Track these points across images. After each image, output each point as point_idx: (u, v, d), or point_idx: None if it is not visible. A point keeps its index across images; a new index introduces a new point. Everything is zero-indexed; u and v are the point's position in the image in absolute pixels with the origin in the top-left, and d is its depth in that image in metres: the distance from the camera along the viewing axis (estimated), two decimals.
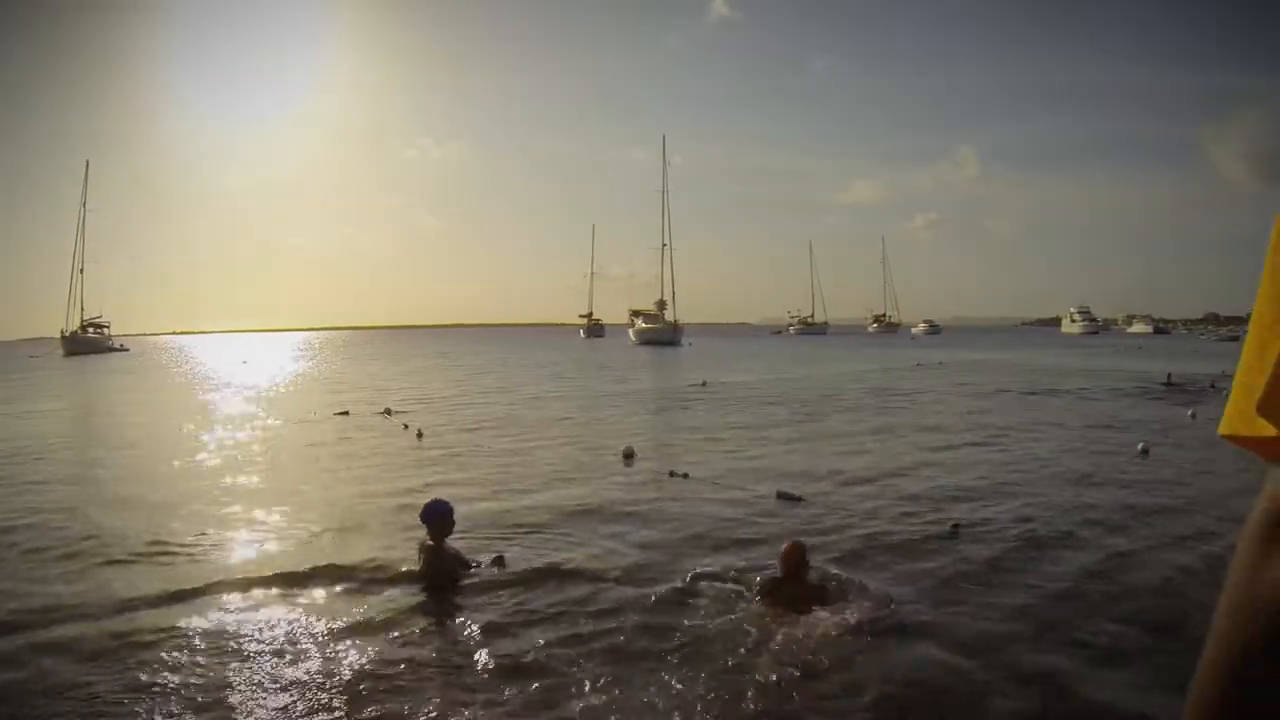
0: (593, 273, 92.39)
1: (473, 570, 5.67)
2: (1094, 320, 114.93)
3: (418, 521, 5.75)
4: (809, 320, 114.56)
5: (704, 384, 23.13)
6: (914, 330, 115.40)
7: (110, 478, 9.93)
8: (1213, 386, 20.19)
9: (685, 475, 9.20)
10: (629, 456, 10.80)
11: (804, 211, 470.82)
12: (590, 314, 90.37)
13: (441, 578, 5.48)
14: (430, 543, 5.60)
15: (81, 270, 65.57)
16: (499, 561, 5.84)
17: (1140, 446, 11.10)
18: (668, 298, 66.77)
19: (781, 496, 7.97)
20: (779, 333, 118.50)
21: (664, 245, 66.62)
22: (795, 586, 4.91)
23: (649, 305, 68.67)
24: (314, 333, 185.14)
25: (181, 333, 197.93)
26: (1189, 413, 15.27)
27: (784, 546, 5.09)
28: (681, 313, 66.26)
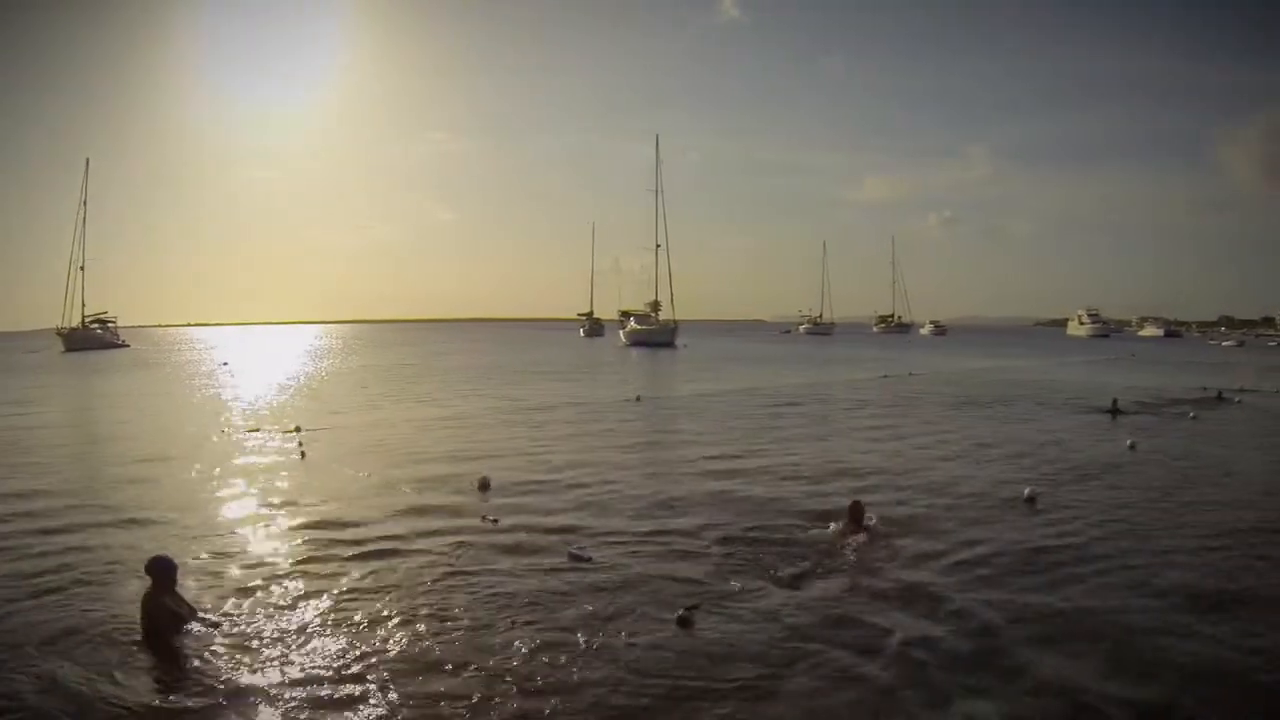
0: (593, 271, 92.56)
1: (197, 622, 5.80)
2: (1103, 322, 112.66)
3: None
4: (818, 320, 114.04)
5: (638, 399, 22.96)
6: (921, 330, 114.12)
7: None
8: (1192, 411, 19.76)
9: (495, 521, 8.99)
10: (484, 488, 10.68)
11: (819, 207, 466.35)
12: (590, 313, 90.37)
13: (157, 629, 5.63)
14: (151, 595, 5.75)
15: (82, 267, 66.58)
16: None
17: (1026, 493, 10.19)
18: (663, 298, 66.52)
19: (574, 558, 7.67)
20: (788, 331, 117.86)
21: (658, 246, 66.38)
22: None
23: (640, 305, 68.52)
24: (324, 327, 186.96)
25: (197, 325, 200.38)
26: (1128, 443, 14.52)
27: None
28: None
